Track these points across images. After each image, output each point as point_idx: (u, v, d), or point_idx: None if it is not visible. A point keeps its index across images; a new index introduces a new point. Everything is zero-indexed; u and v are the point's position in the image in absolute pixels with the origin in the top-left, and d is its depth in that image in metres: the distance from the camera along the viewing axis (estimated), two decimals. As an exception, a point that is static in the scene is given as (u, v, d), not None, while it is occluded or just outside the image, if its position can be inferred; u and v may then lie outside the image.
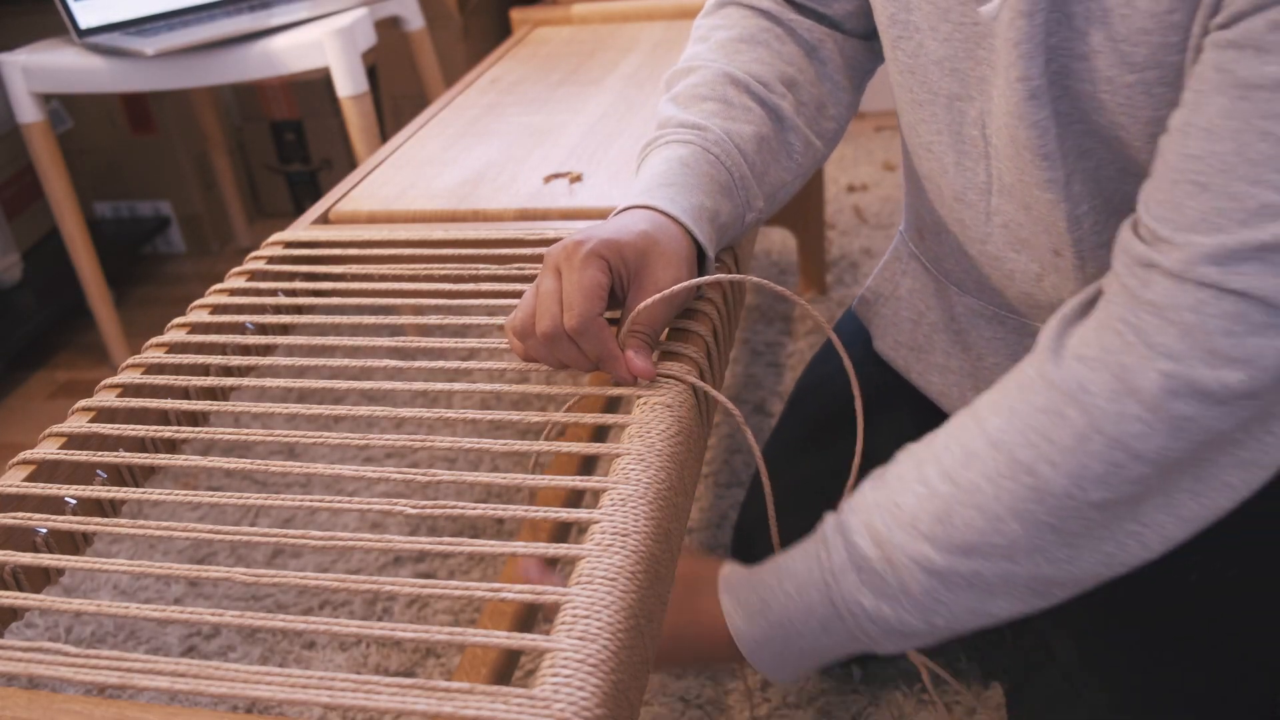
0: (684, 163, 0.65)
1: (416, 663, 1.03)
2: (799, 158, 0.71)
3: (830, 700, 0.92)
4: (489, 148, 0.98)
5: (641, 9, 1.47)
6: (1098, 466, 0.48)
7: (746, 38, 0.72)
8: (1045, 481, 0.49)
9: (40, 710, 0.42)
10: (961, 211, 0.66)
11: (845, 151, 2.12)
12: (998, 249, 0.65)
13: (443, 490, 1.01)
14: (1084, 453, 0.48)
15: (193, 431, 0.60)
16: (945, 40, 0.60)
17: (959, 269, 0.71)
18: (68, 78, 1.41)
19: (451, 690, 0.39)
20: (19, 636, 0.56)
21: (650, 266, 0.58)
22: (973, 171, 0.63)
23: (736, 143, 0.67)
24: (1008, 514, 0.51)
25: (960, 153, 0.64)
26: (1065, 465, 0.49)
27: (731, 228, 0.67)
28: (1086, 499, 0.49)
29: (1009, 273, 0.66)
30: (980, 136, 0.62)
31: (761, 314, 1.55)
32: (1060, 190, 0.58)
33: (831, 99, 0.73)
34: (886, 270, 0.82)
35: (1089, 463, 0.48)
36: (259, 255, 0.80)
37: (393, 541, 0.48)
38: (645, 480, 0.51)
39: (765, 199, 0.69)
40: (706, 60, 0.71)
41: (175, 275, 2.01)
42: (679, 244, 0.60)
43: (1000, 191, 0.62)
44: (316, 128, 2.05)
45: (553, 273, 0.57)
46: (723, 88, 0.69)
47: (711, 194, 0.64)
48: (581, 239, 0.57)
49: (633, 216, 0.60)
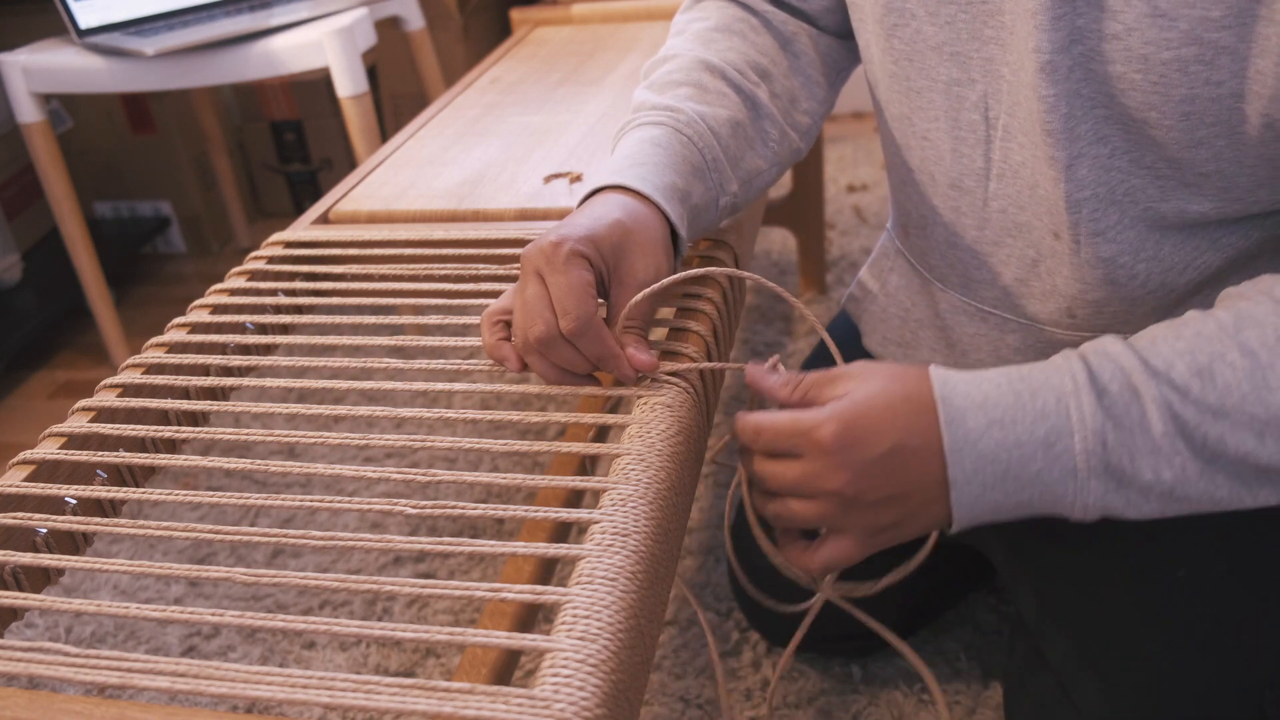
0: (655, 143, 0.64)
1: (416, 663, 1.03)
2: (775, 145, 0.71)
3: (830, 700, 0.92)
4: (489, 148, 0.98)
5: (641, 9, 1.47)
6: None
7: (721, 27, 0.72)
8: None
9: (40, 710, 0.42)
10: (958, 199, 0.66)
11: (845, 151, 2.12)
12: (995, 235, 0.65)
13: (443, 490, 1.01)
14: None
15: (193, 431, 0.60)
16: (947, 24, 0.60)
17: (943, 264, 0.71)
18: (68, 78, 1.41)
19: (451, 690, 0.39)
20: (19, 636, 0.55)
21: (627, 257, 0.58)
22: (970, 157, 0.63)
23: (710, 125, 0.66)
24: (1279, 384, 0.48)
25: (957, 139, 0.64)
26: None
27: (705, 211, 0.66)
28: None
29: (1002, 260, 0.66)
30: (981, 120, 0.62)
31: (761, 314, 1.55)
32: (1061, 170, 0.58)
33: (805, 92, 0.73)
34: (874, 267, 0.82)
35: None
36: (259, 255, 0.80)
37: (393, 541, 0.48)
38: (645, 480, 0.51)
39: (740, 184, 0.69)
40: (681, 49, 0.71)
41: (175, 275, 2.01)
42: (653, 228, 0.59)
43: (1000, 175, 0.62)
44: (316, 128, 2.05)
45: (534, 277, 0.57)
46: (697, 73, 0.69)
47: (683, 174, 0.64)
48: (557, 239, 0.56)
49: (605, 204, 0.60)
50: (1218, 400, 0.49)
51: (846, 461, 0.52)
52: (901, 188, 0.73)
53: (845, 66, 0.76)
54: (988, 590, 1.02)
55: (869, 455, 0.51)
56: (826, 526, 0.55)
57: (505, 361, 0.59)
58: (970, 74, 0.61)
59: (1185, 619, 0.64)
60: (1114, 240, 0.60)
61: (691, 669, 0.98)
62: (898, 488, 0.52)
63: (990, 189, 0.63)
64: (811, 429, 0.52)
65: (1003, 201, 0.63)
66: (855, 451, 0.52)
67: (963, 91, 0.62)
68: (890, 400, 0.53)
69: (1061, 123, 0.56)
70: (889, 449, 0.51)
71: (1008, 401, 0.52)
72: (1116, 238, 0.60)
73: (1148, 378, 0.50)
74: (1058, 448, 0.51)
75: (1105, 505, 0.52)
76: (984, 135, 0.62)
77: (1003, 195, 0.63)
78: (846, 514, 0.53)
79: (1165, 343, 0.52)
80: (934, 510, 0.53)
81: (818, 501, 0.53)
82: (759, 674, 0.96)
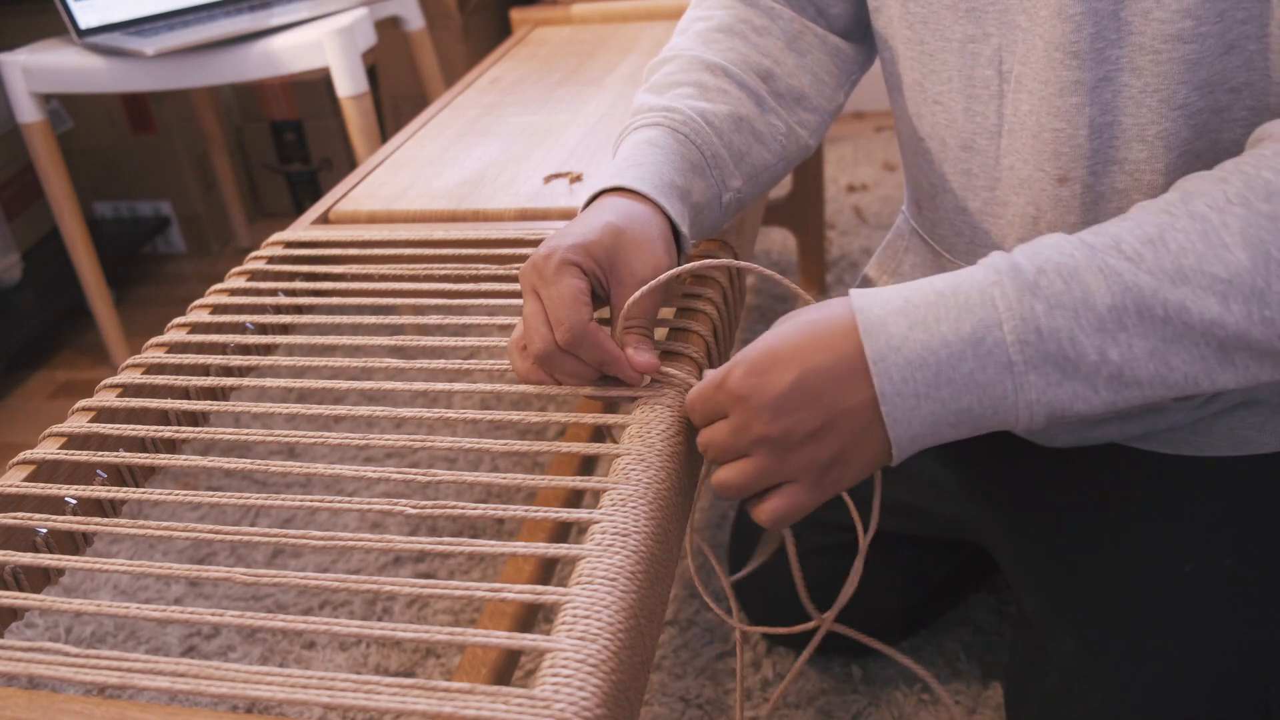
0: (652, 143, 0.64)
1: (416, 663, 1.03)
2: (782, 139, 0.71)
3: (830, 700, 0.92)
4: (489, 148, 0.98)
5: (641, 9, 1.47)
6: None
7: (724, 28, 0.72)
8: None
9: (40, 710, 0.42)
10: (969, 161, 0.66)
11: (845, 151, 2.12)
12: (1004, 194, 0.65)
13: (443, 490, 1.01)
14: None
15: (193, 431, 0.60)
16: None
17: (952, 233, 0.71)
18: (68, 78, 1.41)
19: (451, 690, 0.39)
20: (19, 636, 0.56)
21: (624, 257, 0.57)
22: (983, 115, 0.64)
23: (709, 121, 0.66)
24: (1236, 241, 0.47)
25: (970, 97, 0.64)
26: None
27: (708, 208, 0.66)
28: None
29: (1009, 221, 0.65)
30: (995, 75, 0.62)
31: (761, 314, 1.55)
32: (1087, 94, 0.57)
33: (812, 90, 0.73)
34: (889, 249, 0.82)
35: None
36: (259, 255, 0.80)
37: (393, 541, 0.48)
38: (645, 480, 0.51)
39: (745, 179, 0.68)
40: (682, 49, 0.71)
41: (175, 275, 2.01)
42: (651, 226, 0.59)
43: (1011, 131, 0.62)
44: (316, 128, 2.05)
45: (531, 294, 0.57)
46: (697, 73, 0.69)
47: (682, 171, 0.64)
48: (547, 252, 0.56)
49: (598, 210, 0.60)
50: (1173, 264, 0.47)
51: (762, 402, 0.50)
52: (914, 160, 0.73)
53: (853, 70, 0.76)
54: (988, 590, 1.02)
55: (780, 387, 0.50)
56: (772, 480, 0.53)
57: (542, 382, 0.58)
58: (985, 28, 0.61)
59: (1192, 615, 0.64)
60: (1129, 173, 0.59)
61: (691, 669, 0.98)
62: (823, 415, 0.50)
63: (1002, 145, 0.63)
64: (722, 381, 0.52)
65: (1012, 158, 0.63)
66: (766, 388, 0.50)
67: (977, 48, 0.62)
68: (798, 330, 0.51)
69: (1088, 43, 0.56)
70: (798, 375, 0.50)
71: (929, 301, 0.50)
72: (1134, 171, 0.59)
73: (1090, 253, 0.48)
74: (987, 342, 0.48)
75: (1049, 402, 0.49)
76: (997, 90, 0.62)
77: (1013, 151, 0.62)
78: (784, 460, 0.51)
79: (1109, 224, 0.50)
80: (872, 437, 0.51)
81: (753, 457, 0.52)
82: (759, 674, 0.96)
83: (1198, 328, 0.47)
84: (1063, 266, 0.48)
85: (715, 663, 0.98)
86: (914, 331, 0.49)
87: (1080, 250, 0.49)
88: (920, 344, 0.49)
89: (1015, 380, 0.49)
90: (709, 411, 0.53)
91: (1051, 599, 0.71)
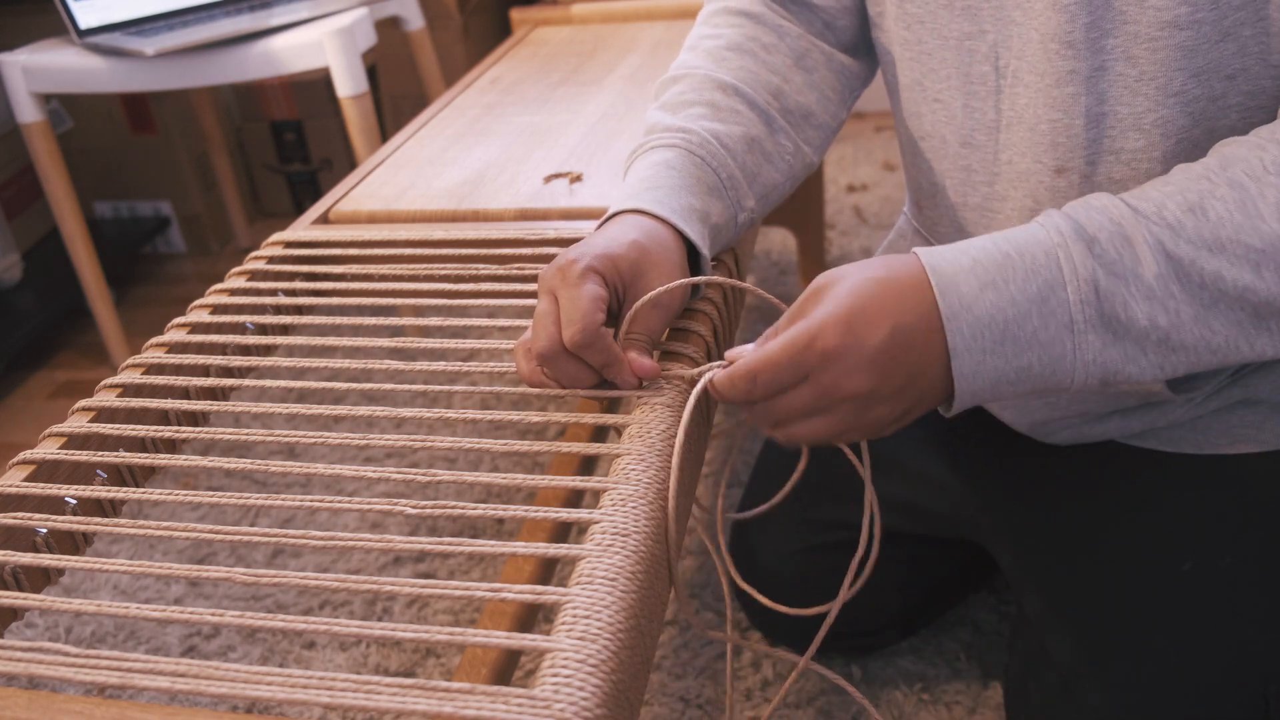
0: (669, 165, 0.64)
1: (416, 663, 1.03)
2: (790, 159, 0.71)
3: (830, 700, 0.92)
4: (489, 148, 0.98)
5: (641, 9, 1.47)
6: None
7: (734, 46, 0.72)
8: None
9: (40, 710, 0.42)
10: (969, 157, 0.66)
11: (845, 151, 2.12)
12: (1003, 189, 0.65)
13: (443, 490, 1.01)
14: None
15: (193, 431, 0.60)
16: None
17: (952, 230, 0.71)
18: (68, 78, 1.41)
19: (451, 690, 0.39)
20: (19, 636, 0.56)
21: (645, 276, 0.58)
22: (981, 111, 0.64)
23: (724, 143, 0.67)
24: (1272, 213, 0.48)
25: (969, 94, 0.64)
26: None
27: (725, 229, 0.67)
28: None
29: (1008, 216, 0.66)
30: (992, 70, 0.62)
31: (761, 314, 1.55)
32: (1082, 83, 0.58)
33: (819, 107, 0.74)
34: (890, 249, 0.82)
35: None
36: (259, 255, 0.80)
37: (393, 541, 0.48)
38: (645, 480, 0.51)
39: (757, 200, 0.69)
40: (693, 67, 0.72)
41: (175, 275, 2.01)
42: (671, 249, 0.60)
43: (1009, 125, 0.63)
44: (316, 128, 2.04)
45: (548, 295, 0.57)
46: (710, 92, 0.69)
47: (700, 195, 0.64)
48: (574, 257, 0.57)
49: (621, 226, 0.60)
50: (1212, 234, 0.49)
51: (859, 361, 0.50)
52: (914, 160, 0.73)
53: (856, 86, 0.77)
54: (988, 590, 1.02)
55: (874, 344, 0.50)
56: (844, 438, 0.53)
57: (544, 386, 0.58)
58: (981, 25, 0.62)
59: (1191, 613, 0.64)
60: (1126, 162, 0.60)
61: (691, 669, 0.98)
62: (908, 372, 0.51)
63: (1000, 140, 0.64)
64: (810, 342, 0.51)
65: (1010, 152, 0.63)
66: (862, 346, 0.50)
67: (974, 45, 0.62)
68: (876, 285, 0.52)
69: (1083, 32, 0.56)
70: (890, 330, 0.50)
71: (997, 262, 0.51)
72: (1130, 160, 0.59)
73: (1137, 220, 0.50)
74: (1052, 302, 0.50)
75: (1104, 362, 0.51)
76: (994, 86, 0.63)
77: (1011, 145, 0.63)
78: (862, 415, 0.52)
79: (1153, 188, 0.51)
80: (935, 391, 0.52)
81: (831, 414, 0.52)
82: (759, 674, 0.96)
83: (1232, 294, 0.49)
84: (1115, 234, 0.50)
85: (715, 663, 0.98)
86: (985, 291, 0.50)
87: (1129, 217, 0.50)
88: (990, 303, 0.50)
89: (1075, 340, 0.50)
90: (783, 379, 0.52)
91: (1051, 598, 0.71)
